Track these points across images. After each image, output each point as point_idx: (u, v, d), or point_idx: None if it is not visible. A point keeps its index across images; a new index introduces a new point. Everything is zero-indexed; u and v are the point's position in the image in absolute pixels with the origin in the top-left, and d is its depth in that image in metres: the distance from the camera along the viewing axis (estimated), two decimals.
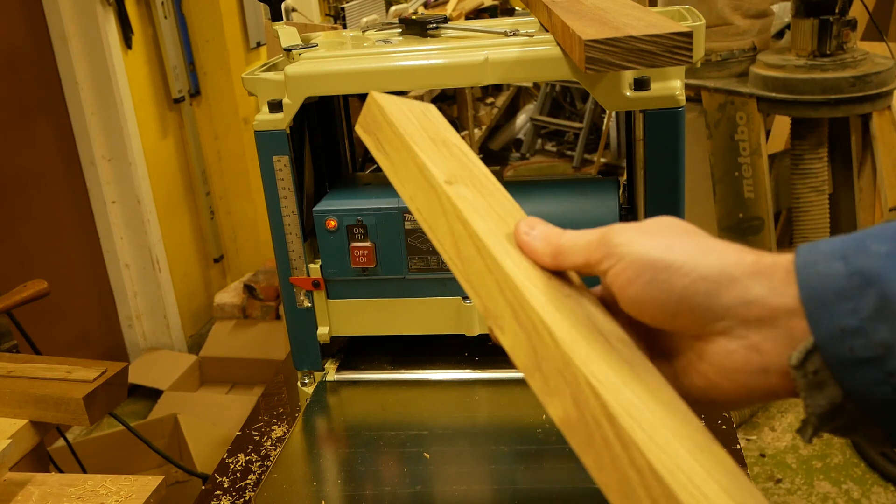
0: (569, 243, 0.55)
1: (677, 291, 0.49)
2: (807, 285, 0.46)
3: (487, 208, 0.62)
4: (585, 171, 5.31)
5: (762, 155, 2.77)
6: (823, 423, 0.48)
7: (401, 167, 0.64)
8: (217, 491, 1.15)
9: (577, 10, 1.02)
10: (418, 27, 1.24)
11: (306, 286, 1.22)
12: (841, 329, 0.45)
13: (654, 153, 1.07)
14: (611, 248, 0.52)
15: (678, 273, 0.49)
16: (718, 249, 0.51)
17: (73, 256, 3.07)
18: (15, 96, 2.75)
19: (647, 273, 0.50)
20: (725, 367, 0.50)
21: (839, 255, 0.46)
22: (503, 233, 0.59)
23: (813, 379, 0.47)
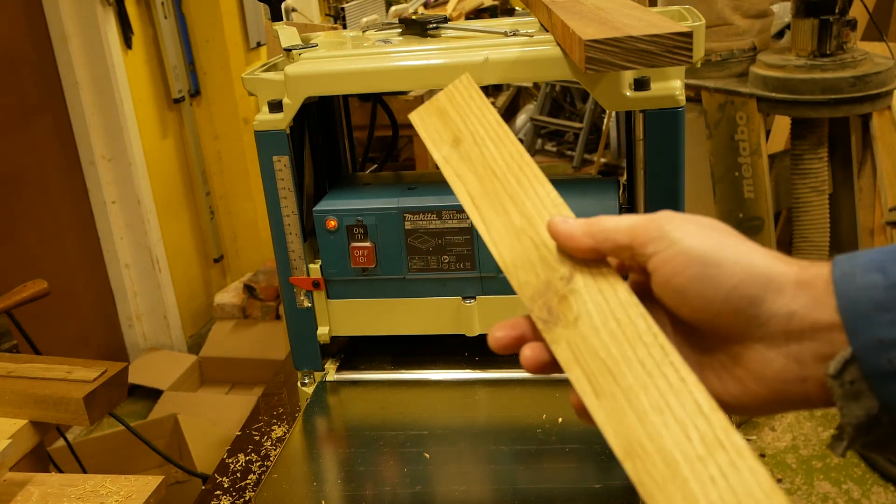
0: (611, 223, 0.54)
1: (725, 290, 0.49)
2: (845, 296, 0.46)
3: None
4: (585, 171, 5.31)
5: (762, 155, 2.77)
6: (859, 434, 0.47)
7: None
8: (217, 491, 1.15)
9: (577, 10, 1.02)
10: (418, 27, 1.24)
11: (306, 286, 1.22)
12: (879, 340, 0.45)
13: (654, 153, 1.07)
14: (662, 232, 0.51)
15: (729, 272, 0.49)
16: (767, 256, 0.50)
17: (73, 256, 3.07)
18: (15, 96, 2.75)
19: (697, 266, 0.49)
20: (764, 374, 0.50)
21: (877, 267, 0.46)
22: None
23: (849, 389, 0.46)
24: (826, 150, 2.74)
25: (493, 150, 0.66)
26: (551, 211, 0.62)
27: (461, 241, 1.16)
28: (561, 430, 1.08)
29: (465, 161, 0.67)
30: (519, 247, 0.60)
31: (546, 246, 0.59)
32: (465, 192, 0.65)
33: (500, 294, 1.19)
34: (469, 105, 0.70)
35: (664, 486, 0.45)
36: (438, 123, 0.70)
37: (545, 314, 0.55)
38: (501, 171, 0.65)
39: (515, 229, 0.61)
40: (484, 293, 1.20)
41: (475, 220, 0.63)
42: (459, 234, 1.16)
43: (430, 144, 0.69)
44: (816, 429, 2.70)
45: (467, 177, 0.66)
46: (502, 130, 0.68)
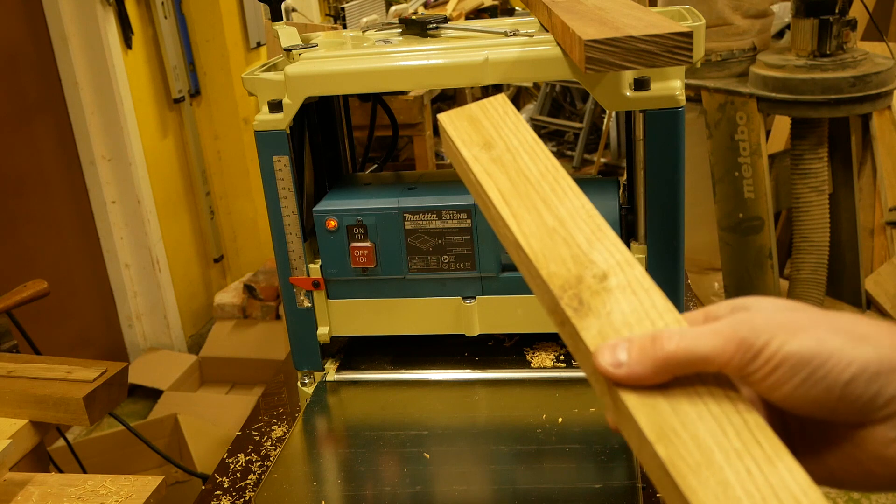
0: (685, 351, 0.47)
1: (838, 388, 0.46)
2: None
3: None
4: (585, 171, 5.31)
5: (762, 155, 2.77)
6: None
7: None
8: (217, 491, 1.15)
9: (577, 10, 1.02)
10: (418, 27, 1.24)
11: (306, 286, 1.22)
12: None
13: (654, 153, 1.07)
14: (757, 352, 0.46)
15: (836, 368, 0.45)
16: (870, 335, 0.47)
17: (73, 256, 3.07)
18: (15, 96, 2.75)
19: (803, 372, 0.46)
20: (887, 456, 0.47)
21: None
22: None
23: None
24: (826, 150, 2.74)
25: (528, 160, 0.66)
26: (586, 220, 0.60)
27: (461, 241, 1.16)
28: (561, 430, 1.08)
29: (497, 163, 0.66)
30: (550, 242, 0.58)
31: (579, 247, 0.58)
32: (496, 187, 0.63)
33: (500, 294, 1.19)
34: (503, 119, 0.71)
35: (697, 471, 0.44)
36: (469, 127, 0.70)
37: (576, 303, 0.53)
38: (535, 178, 0.64)
39: (547, 228, 0.60)
40: (484, 293, 1.20)
41: (504, 214, 0.61)
42: (459, 234, 1.16)
43: (460, 143, 0.68)
44: None
45: (498, 176, 0.65)
46: (538, 146, 0.67)
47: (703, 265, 3.42)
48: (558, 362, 1.23)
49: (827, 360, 0.45)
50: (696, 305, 1.56)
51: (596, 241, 0.58)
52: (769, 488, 0.43)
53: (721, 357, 0.47)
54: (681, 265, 1.13)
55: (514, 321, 1.20)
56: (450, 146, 0.70)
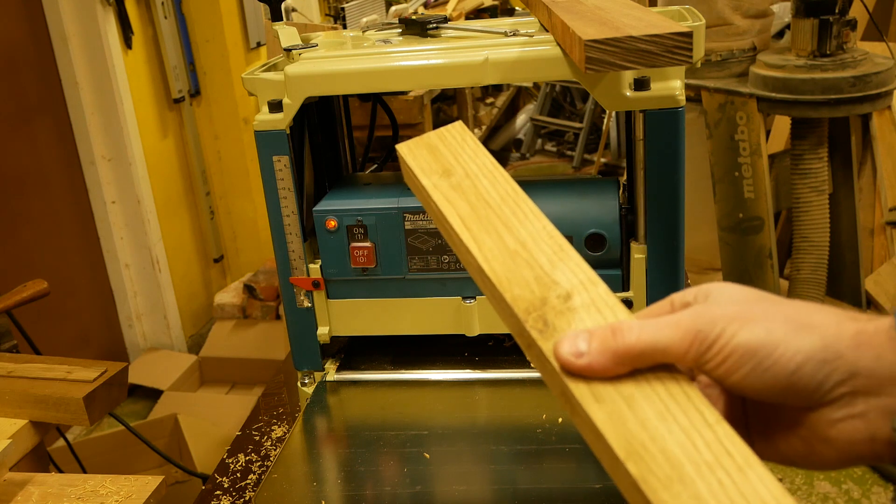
0: (645, 343, 0.49)
1: (784, 376, 0.47)
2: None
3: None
4: (585, 171, 5.31)
5: (762, 155, 2.77)
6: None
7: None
8: (217, 491, 1.15)
9: (577, 10, 1.02)
10: (418, 27, 1.24)
11: (306, 286, 1.22)
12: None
13: (654, 153, 1.07)
14: (710, 343, 0.48)
15: (783, 358, 0.47)
16: (819, 324, 0.49)
17: (73, 256, 3.07)
18: (15, 96, 2.75)
19: (751, 361, 0.48)
20: (830, 436, 0.49)
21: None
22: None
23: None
24: (826, 150, 2.74)
25: (488, 185, 0.66)
26: (547, 241, 0.60)
27: None
28: (561, 430, 1.08)
29: (456, 190, 0.66)
30: (512, 265, 0.59)
31: (542, 268, 0.58)
32: (455, 213, 0.64)
33: None
34: (462, 146, 0.71)
35: (669, 485, 0.44)
36: (428, 156, 0.71)
37: (541, 325, 0.54)
38: (496, 202, 0.65)
39: (509, 251, 0.60)
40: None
41: (465, 239, 0.61)
42: None
43: (419, 172, 0.69)
44: None
45: (458, 203, 0.65)
46: (497, 171, 0.68)
47: (703, 265, 3.42)
48: None
49: (773, 350, 0.47)
50: None
51: (558, 261, 0.58)
52: (742, 498, 0.43)
53: (679, 348, 0.49)
54: (681, 265, 1.13)
55: None
56: (410, 176, 0.71)
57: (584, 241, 1.14)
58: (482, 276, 0.59)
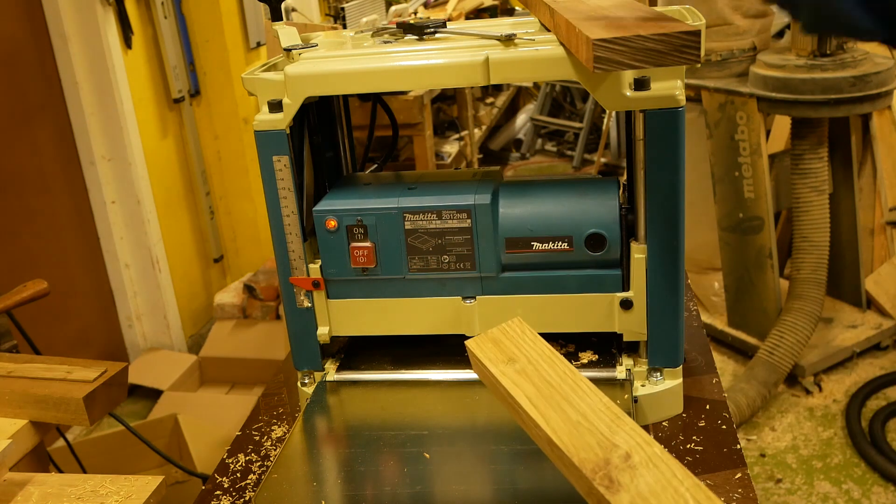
0: None
1: None
2: None
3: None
4: (585, 171, 5.31)
5: (762, 155, 2.77)
6: None
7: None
8: (217, 491, 1.15)
9: (581, 9, 1.02)
10: (415, 32, 1.24)
11: (306, 286, 1.22)
12: None
13: (654, 153, 1.07)
14: None
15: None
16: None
17: (73, 256, 3.07)
18: (15, 96, 2.75)
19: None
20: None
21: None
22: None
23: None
24: (826, 150, 2.74)
25: (547, 368, 0.78)
26: (604, 412, 0.71)
27: (461, 241, 1.16)
28: None
29: (521, 374, 0.78)
30: (576, 434, 0.69)
31: (603, 434, 0.68)
32: (523, 394, 0.75)
33: (500, 294, 1.19)
34: (522, 337, 0.85)
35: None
36: (494, 348, 0.84)
37: (607, 482, 0.63)
38: (556, 382, 0.76)
39: (572, 422, 0.70)
40: (484, 293, 1.20)
41: (534, 415, 0.73)
42: (459, 234, 1.16)
43: (487, 362, 0.81)
44: (816, 429, 2.70)
45: (524, 385, 0.76)
46: (555, 356, 0.80)
47: (703, 265, 3.42)
48: None
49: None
50: (696, 305, 1.56)
51: (616, 427, 0.69)
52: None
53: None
54: (681, 265, 1.13)
55: None
56: (479, 366, 0.83)
57: (584, 241, 1.14)
58: (551, 445, 0.70)
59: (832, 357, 2.94)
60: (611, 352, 1.24)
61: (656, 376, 1.19)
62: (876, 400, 2.81)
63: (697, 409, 1.21)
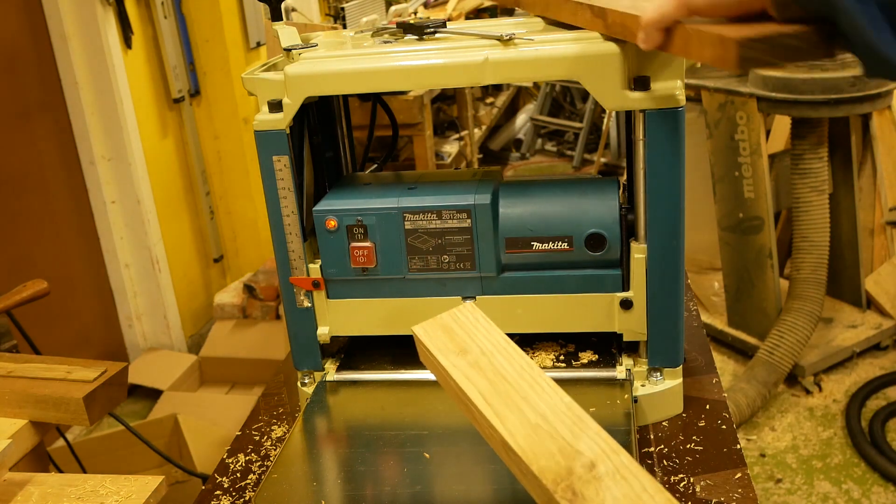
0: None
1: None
2: None
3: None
4: (585, 171, 5.31)
5: (762, 155, 2.77)
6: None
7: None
8: (217, 491, 1.15)
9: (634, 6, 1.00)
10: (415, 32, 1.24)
11: (306, 286, 1.22)
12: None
13: (654, 153, 1.07)
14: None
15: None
16: None
17: (73, 256, 3.07)
18: (15, 96, 2.75)
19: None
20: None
21: None
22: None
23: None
24: (826, 150, 2.74)
25: (503, 361, 0.71)
26: (567, 413, 0.65)
27: (461, 241, 1.16)
28: None
29: (474, 367, 0.70)
30: (536, 438, 0.62)
31: (564, 439, 0.61)
32: (476, 391, 0.68)
33: (500, 294, 1.19)
34: (475, 325, 0.77)
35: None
36: (444, 336, 0.76)
37: (570, 495, 0.57)
38: (513, 378, 0.68)
39: (531, 424, 0.63)
40: (484, 293, 1.20)
41: (488, 415, 0.65)
42: (459, 234, 1.16)
43: (437, 352, 0.73)
44: (816, 429, 2.70)
45: (477, 379, 0.69)
46: (511, 347, 0.72)
47: (703, 265, 3.42)
48: (558, 362, 1.23)
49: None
50: (695, 305, 1.56)
51: (580, 431, 0.62)
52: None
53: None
54: (681, 265, 1.13)
55: (514, 321, 1.20)
56: (427, 355, 0.74)
57: (584, 241, 1.14)
58: (507, 450, 0.63)
59: (832, 357, 2.94)
60: (611, 352, 1.24)
61: (656, 376, 1.19)
62: (876, 400, 2.81)
63: (697, 409, 1.21)
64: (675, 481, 1.05)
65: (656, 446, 1.14)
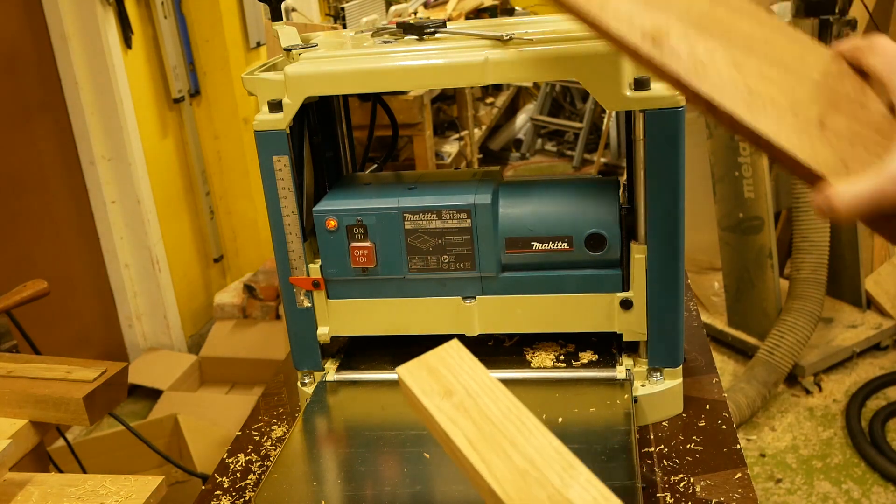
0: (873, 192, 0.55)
1: None
2: None
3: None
4: (585, 171, 5.31)
5: (762, 155, 2.77)
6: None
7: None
8: (217, 491, 1.15)
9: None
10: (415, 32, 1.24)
11: (306, 286, 1.22)
12: None
13: (654, 153, 1.07)
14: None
15: None
16: None
17: (73, 256, 3.07)
18: (15, 96, 2.75)
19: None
20: None
21: None
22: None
23: None
24: None
25: (489, 403, 0.68)
26: (556, 458, 0.62)
27: (461, 241, 1.16)
28: (561, 430, 1.07)
29: (460, 409, 0.68)
30: (524, 485, 0.60)
31: (554, 487, 0.59)
32: (462, 435, 0.65)
33: (500, 294, 1.19)
34: (460, 364, 0.73)
35: None
36: (429, 378, 0.73)
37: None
38: (499, 420, 0.66)
39: (519, 470, 0.61)
40: (484, 293, 1.20)
41: (474, 461, 0.63)
42: (459, 234, 1.16)
43: (421, 394, 0.71)
44: (816, 429, 2.70)
45: (463, 422, 0.67)
46: (497, 387, 0.69)
47: (703, 265, 3.42)
48: (558, 362, 1.23)
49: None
50: (695, 305, 1.56)
51: (569, 478, 0.60)
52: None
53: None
54: (681, 265, 1.13)
55: (514, 321, 1.20)
56: (412, 398, 0.72)
57: (584, 241, 1.14)
58: (495, 498, 0.60)
59: (832, 357, 2.94)
60: (611, 352, 1.24)
61: (656, 376, 1.19)
62: (876, 400, 2.81)
63: (697, 409, 1.21)
64: (675, 481, 1.05)
65: (656, 446, 1.14)
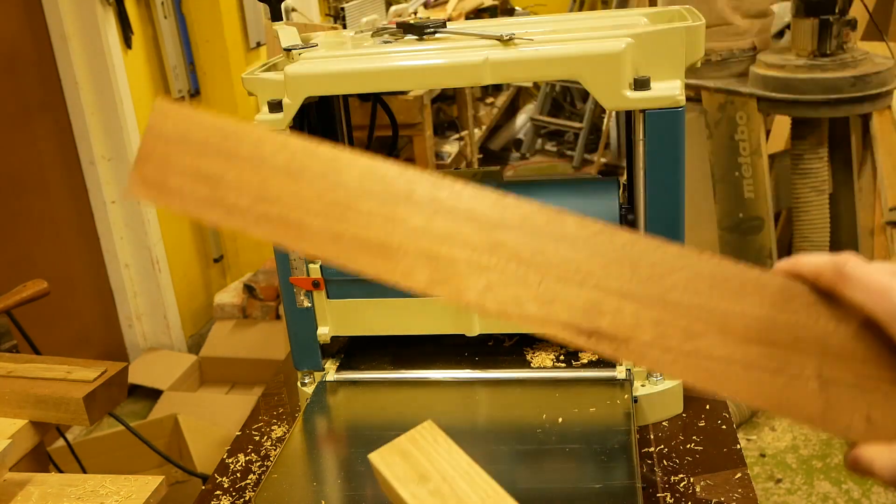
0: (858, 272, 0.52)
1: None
2: None
3: None
4: (585, 171, 5.31)
5: (762, 155, 2.77)
6: None
7: None
8: (217, 491, 1.15)
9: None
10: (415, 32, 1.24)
11: (306, 286, 1.22)
12: None
13: (654, 153, 1.07)
14: None
15: None
16: None
17: (73, 256, 3.07)
18: (15, 96, 2.75)
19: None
20: None
21: None
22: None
23: None
24: (826, 150, 2.74)
25: (466, 487, 0.67)
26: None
27: None
28: (561, 430, 1.08)
29: (436, 496, 0.67)
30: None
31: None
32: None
33: None
34: (434, 447, 0.72)
35: None
36: (403, 463, 0.71)
37: None
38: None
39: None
40: None
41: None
42: None
43: (395, 482, 0.69)
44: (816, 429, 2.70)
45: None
46: (473, 470, 0.69)
47: None
48: (558, 362, 1.23)
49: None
50: None
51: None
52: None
53: None
54: None
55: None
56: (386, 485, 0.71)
57: None
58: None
59: None
60: None
61: (656, 376, 1.19)
62: None
63: (697, 409, 1.21)
64: (675, 481, 1.05)
65: (656, 446, 1.14)
